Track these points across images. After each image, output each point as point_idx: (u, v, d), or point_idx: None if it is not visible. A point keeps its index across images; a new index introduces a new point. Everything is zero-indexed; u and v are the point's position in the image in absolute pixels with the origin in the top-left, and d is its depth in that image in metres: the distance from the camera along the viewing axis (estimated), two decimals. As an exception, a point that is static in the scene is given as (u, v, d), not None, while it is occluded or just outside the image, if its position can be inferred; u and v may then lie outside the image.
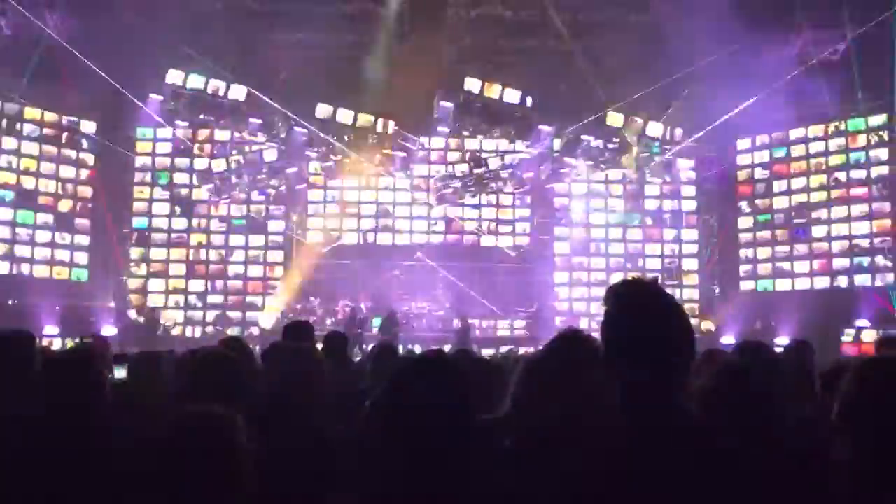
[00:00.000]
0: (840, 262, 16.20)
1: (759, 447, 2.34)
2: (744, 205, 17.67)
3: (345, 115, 15.83)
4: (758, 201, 17.44)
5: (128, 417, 2.76)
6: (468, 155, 17.50)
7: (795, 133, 16.94)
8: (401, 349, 8.50)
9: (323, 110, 15.75)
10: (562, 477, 1.95)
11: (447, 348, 9.37)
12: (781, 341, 13.66)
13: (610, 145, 16.36)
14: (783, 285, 16.91)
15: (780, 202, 17.13)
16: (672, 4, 13.89)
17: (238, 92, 15.46)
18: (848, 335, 14.84)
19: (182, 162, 17.77)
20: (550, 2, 15.00)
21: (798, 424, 2.90)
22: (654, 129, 16.15)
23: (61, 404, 2.66)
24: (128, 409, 3.15)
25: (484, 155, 17.29)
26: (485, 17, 15.71)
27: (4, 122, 15.77)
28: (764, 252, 17.28)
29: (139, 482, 1.88)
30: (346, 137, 16.10)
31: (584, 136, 16.23)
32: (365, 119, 15.91)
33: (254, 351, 4.19)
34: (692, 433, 1.91)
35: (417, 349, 12.30)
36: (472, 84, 15.83)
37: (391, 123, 16.02)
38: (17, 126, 16.00)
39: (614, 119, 15.88)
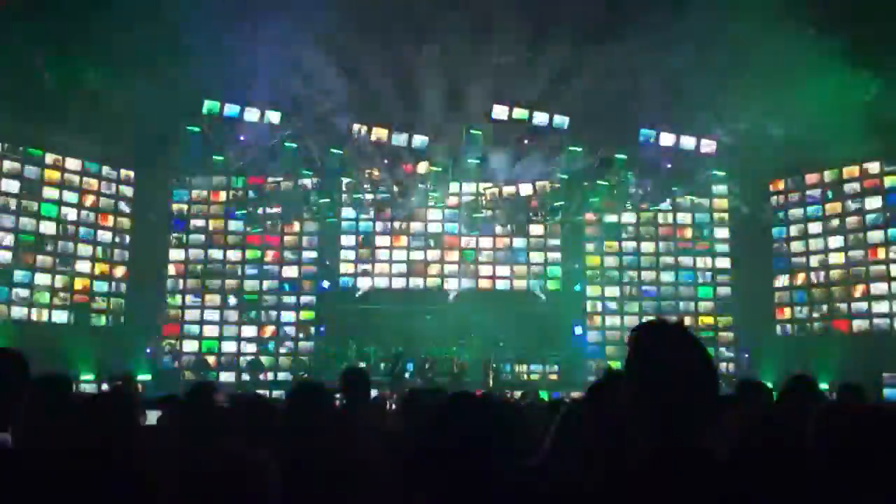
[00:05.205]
0: (879, 306, 15.84)
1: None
2: (777, 245, 17.41)
3: (379, 132, 16.24)
4: (793, 244, 17.20)
5: (156, 460, 2.77)
6: (499, 184, 17.59)
7: (830, 175, 16.74)
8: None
9: (357, 128, 16.17)
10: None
11: (479, 392, 9.29)
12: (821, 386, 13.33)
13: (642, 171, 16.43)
14: (821, 328, 16.55)
15: (815, 244, 16.88)
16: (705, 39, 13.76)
17: (272, 118, 15.88)
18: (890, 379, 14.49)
19: (217, 209, 18.07)
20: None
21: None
22: (688, 143, 16.24)
23: (89, 443, 2.69)
24: (157, 451, 3.16)
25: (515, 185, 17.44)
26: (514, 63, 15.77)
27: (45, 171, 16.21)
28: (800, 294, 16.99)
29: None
30: (379, 159, 16.68)
31: (616, 157, 16.30)
32: (398, 137, 16.35)
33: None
34: (714, 475, 1.85)
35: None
36: (499, 112, 15.90)
37: (424, 138, 16.27)
38: (58, 175, 16.40)
39: (645, 136, 16.03)
